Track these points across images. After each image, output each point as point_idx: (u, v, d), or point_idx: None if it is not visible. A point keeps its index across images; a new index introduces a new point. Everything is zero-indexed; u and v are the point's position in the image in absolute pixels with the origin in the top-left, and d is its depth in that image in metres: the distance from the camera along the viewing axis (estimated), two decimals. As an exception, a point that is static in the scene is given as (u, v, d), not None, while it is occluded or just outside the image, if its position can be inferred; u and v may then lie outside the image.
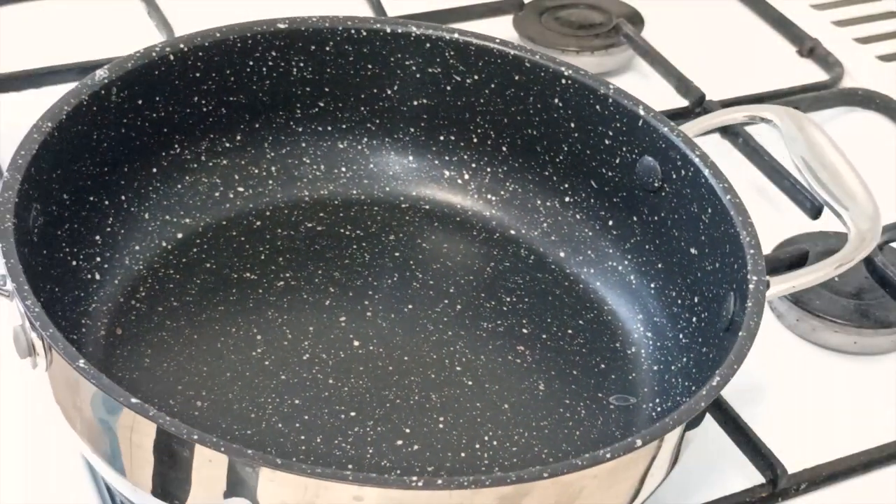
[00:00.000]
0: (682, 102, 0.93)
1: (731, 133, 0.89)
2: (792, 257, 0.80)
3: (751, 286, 0.64)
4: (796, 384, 0.76)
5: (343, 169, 0.79)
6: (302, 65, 0.76)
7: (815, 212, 0.83)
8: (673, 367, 0.70)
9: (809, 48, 1.02)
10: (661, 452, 0.59)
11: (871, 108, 0.97)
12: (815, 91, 0.97)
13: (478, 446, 0.66)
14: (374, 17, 0.78)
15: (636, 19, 1.02)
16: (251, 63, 0.75)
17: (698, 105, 0.93)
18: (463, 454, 0.66)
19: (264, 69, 0.75)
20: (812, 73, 1.01)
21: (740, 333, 0.62)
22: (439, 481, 0.53)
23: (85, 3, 0.98)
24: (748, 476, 0.70)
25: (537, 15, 1.01)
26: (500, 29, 0.96)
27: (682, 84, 0.94)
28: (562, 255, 0.77)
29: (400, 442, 0.66)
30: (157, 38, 0.92)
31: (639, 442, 0.56)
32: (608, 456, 0.55)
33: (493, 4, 1.01)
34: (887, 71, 1.01)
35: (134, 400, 0.54)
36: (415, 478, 0.53)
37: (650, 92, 0.84)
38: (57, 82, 0.87)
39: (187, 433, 0.53)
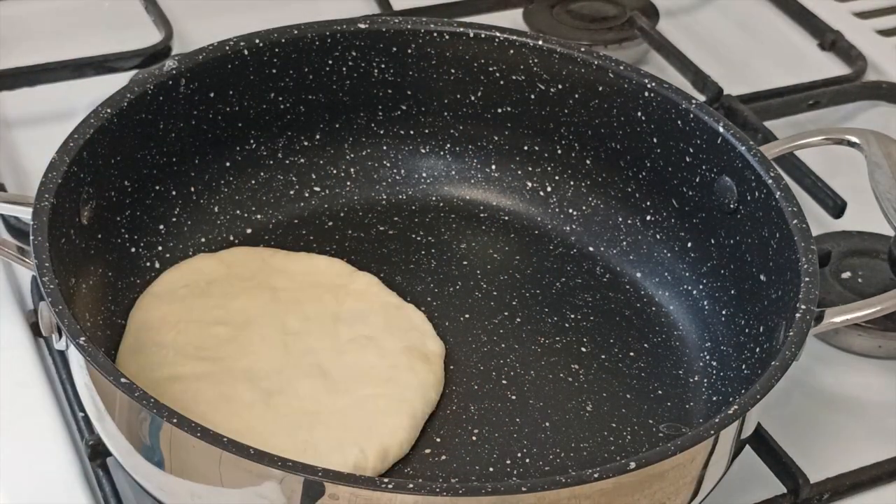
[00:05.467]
0: (699, 98, 0.88)
1: (750, 129, 0.85)
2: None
3: (797, 315, 0.60)
4: (818, 390, 0.73)
5: (424, 174, 0.78)
6: (383, 66, 0.75)
7: (837, 210, 0.79)
8: (731, 399, 0.67)
9: (831, 41, 0.98)
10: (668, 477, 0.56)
11: (895, 101, 0.93)
12: (837, 85, 0.93)
13: (508, 462, 0.64)
14: (458, 20, 0.76)
15: (651, 12, 0.98)
16: (330, 62, 0.75)
17: (716, 101, 0.88)
18: (491, 469, 0.64)
19: (344, 69, 0.75)
20: (834, 66, 0.96)
21: (772, 363, 0.58)
22: (410, 485, 0.51)
23: (81, -1, 0.97)
24: (768, 486, 0.66)
25: (548, 7, 0.98)
26: (511, 23, 0.93)
27: (698, 79, 0.90)
28: (638, 275, 0.75)
29: (428, 451, 0.64)
30: (155, 34, 0.90)
31: (632, 464, 0.53)
32: (595, 476, 0.52)
33: (503, -3, 0.98)
34: (912, 63, 0.97)
35: (124, 380, 0.55)
36: (386, 480, 0.52)
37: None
38: (52, 80, 0.86)
39: (145, 403, 0.54)
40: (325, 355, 0.67)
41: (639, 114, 0.73)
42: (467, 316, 0.71)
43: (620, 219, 0.76)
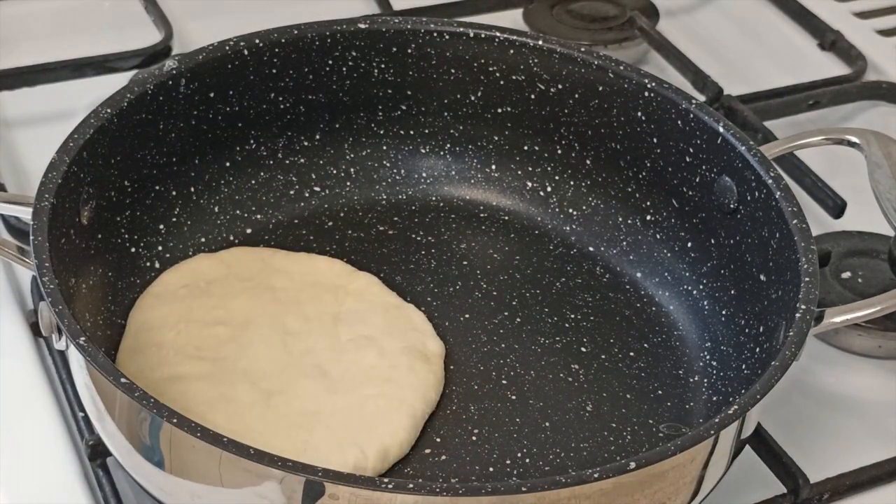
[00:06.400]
0: (699, 98, 0.87)
1: (750, 129, 0.85)
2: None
3: (797, 315, 0.61)
4: (818, 390, 0.73)
5: (424, 174, 0.78)
6: (383, 66, 0.76)
7: (837, 210, 0.79)
8: (731, 399, 0.67)
9: (831, 41, 0.98)
10: (668, 477, 0.56)
11: (895, 101, 0.93)
12: (837, 85, 0.93)
13: (508, 462, 0.64)
14: (458, 20, 0.77)
15: (651, 12, 0.98)
16: (330, 62, 0.75)
17: (716, 101, 0.88)
18: (491, 469, 0.64)
19: (344, 69, 0.75)
20: (834, 66, 0.96)
21: (772, 363, 0.58)
22: (410, 485, 0.52)
23: (80, -1, 0.96)
24: (768, 486, 0.66)
25: (548, 7, 0.98)
26: (511, 23, 0.93)
27: (698, 79, 0.90)
28: (638, 275, 0.75)
29: (428, 451, 0.64)
30: (155, 34, 0.90)
31: (632, 464, 0.53)
32: (595, 476, 0.52)
33: (503, -4, 0.98)
34: (912, 63, 0.97)
35: (124, 380, 0.55)
36: (386, 480, 0.52)
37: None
38: (52, 80, 0.86)
39: (145, 403, 0.54)
40: (325, 355, 0.67)
41: (639, 114, 0.73)
42: (467, 316, 0.71)
43: (620, 219, 0.76)
